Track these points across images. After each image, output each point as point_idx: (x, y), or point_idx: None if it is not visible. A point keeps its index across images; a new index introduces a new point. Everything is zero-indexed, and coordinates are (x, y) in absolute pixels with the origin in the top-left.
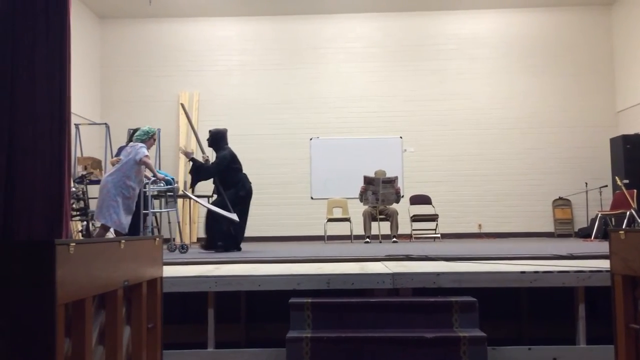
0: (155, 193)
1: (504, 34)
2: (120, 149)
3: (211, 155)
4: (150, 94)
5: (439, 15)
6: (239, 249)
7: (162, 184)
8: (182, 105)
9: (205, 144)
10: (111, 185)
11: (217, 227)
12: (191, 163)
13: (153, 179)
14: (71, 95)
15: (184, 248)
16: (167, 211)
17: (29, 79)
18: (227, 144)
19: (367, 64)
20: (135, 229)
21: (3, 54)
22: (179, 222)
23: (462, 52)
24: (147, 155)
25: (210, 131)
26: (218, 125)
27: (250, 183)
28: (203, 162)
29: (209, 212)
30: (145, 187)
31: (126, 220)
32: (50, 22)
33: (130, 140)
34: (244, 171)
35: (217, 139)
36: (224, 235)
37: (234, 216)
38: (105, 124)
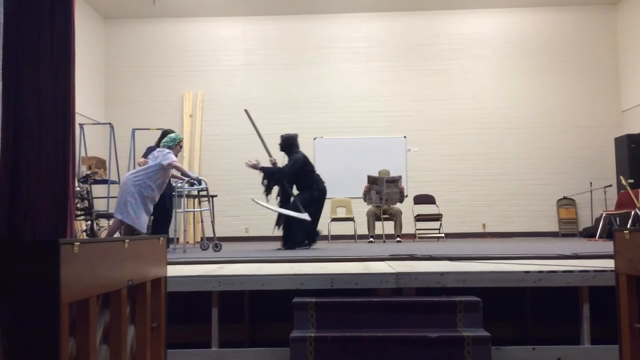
0: (188, 192)
1: (508, 33)
2: (149, 150)
3: (281, 159)
4: (154, 94)
5: (443, 15)
6: (314, 242)
7: (194, 184)
8: (246, 111)
9: (272, 148)
10: (131, 183)
11: (297, 227)
12: (262, 173)
13: (186, 179)
14: (75, 95)
15: (217, 247)
16: (200, 210)
17: (33, 79)
18: (298, 147)
19: (371, 63)
20: (163, 230)
21: (8, 54)
22: (212, 221)
23: (467, 52)
24: (175, 162)
25: (282, 136)
26: (221, 125)
27: (323, 183)
28: (271, 165)
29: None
30: (177, 188)
31: (144, 219)
32: (55, 23)
33: (160, 141)
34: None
35: (289, 143)
36: (304, 234)
37: (305, 216)
38: (110, 123)
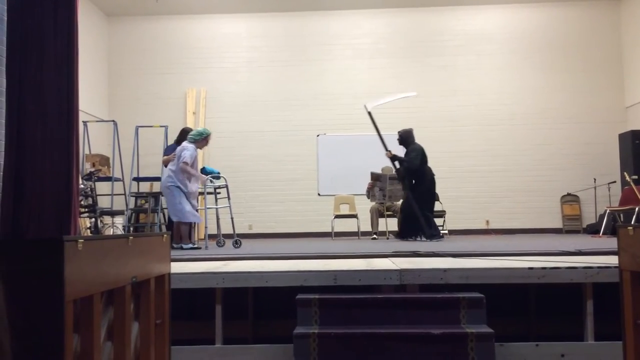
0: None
1: (512, 29)
2: (168, 149)
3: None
4: (157, 91)
5: (447, 11)
6: (440, 237)
7: (211, 181)
8: (370, 113)
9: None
10: (170, 184)
11: (412, 220)
12: (395, 160)
13: (209, 177)
14: (79, 93)
15: (237, 243)
16: (218, 208)
17: (37, 77)
18: (414, 140)
19: (375, 60)
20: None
21: (12, 53)
22: (232, 218)
23: (470, 48)
24: (185, 162)
25: (399, 132)
26: (224, 122)
27: (433, 174)
28: (390, 157)
29: (406, 206)
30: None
31: (195, 211)
32: (58, 21)
33: (179, 139)
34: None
35: (407, 137)
36: (418, 227)
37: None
38: (113, 121)
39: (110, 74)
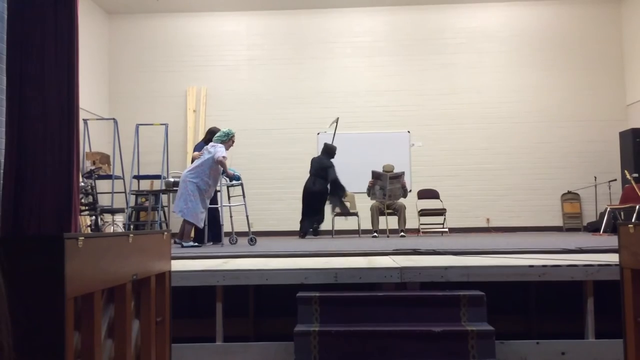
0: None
1: (514, 27)
2: (197, 147)
3: None
4: (158, 89)
5: (448, 9)
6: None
7: (226, 180)
8: (337, 119)
9: None
10: (189, 180)
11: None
12: None
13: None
14: (79, 91)
15: (252, 240)
16: (233, 205)
17: (38, 75)
18: (325, 154)
19: (375, 58)
20: (215, 224)
21: (13, 52)
22: (247, 216)
23: (471, 46)
24: (224, 156)
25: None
26: (225, 120)
27: (308, 185)
28: None
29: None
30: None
31: (202, 215)
32: (59, 20)
33: (206, 138)
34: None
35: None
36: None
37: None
38: (114, 119)
39: (111, 72)
